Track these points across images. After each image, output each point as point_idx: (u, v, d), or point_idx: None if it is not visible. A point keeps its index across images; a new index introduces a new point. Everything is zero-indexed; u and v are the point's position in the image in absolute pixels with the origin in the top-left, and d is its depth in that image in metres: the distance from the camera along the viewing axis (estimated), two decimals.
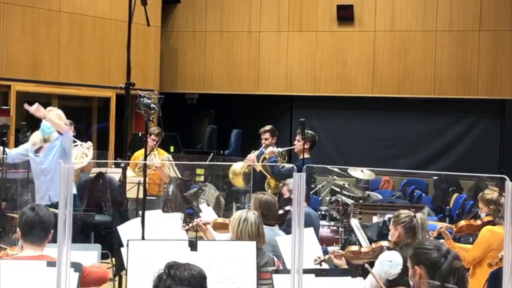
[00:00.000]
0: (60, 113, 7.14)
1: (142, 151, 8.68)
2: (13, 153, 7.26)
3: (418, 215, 5.13)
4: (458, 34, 13.05)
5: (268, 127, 8.77)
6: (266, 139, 8.65)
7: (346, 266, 5.17)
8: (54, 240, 3.81)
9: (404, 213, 5.15)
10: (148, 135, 8.69)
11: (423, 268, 3.39)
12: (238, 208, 9.63)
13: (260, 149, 8.59)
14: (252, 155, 8.51)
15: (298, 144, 8.32)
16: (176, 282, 2.96)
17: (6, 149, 7.28)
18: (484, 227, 6.03)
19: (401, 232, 5.06)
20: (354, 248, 5.44)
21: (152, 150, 8.87)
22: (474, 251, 5.96)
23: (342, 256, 5.28)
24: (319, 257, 5.24)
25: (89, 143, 7.98)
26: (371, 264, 5.01)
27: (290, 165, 8.07)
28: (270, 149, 8.44)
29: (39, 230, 4.05)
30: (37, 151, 7.13)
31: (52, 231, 4.05)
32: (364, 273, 4.84)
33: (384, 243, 5.28)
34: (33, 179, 7.66)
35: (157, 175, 8.77)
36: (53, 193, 6.89)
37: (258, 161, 8.34)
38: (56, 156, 6.94)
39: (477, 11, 12.92)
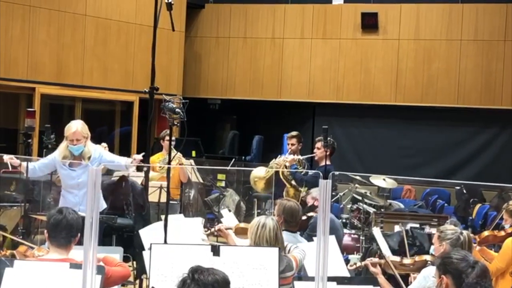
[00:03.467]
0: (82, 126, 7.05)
1: (158, 155, 8.73)
2: (38, 166, 7.00)
3: (465, 232, 4.92)
4: (483, 43, 12.96)
5: (294, 133, 8.71)
6: (292, 145, 8.59)
7: (381, 275, 5.10)
8: (79, 243, 3.83)
9: (451, 229, 4.92)
10: (161, 139, 8.75)
11: (449, 277, 3.37)
12: (258, 214, 9.59)
13: (286, 154, 8.55)
14: (280, 160, 8.42)
15: (318, 152, 8.30)
16: (200, 287, 2.96)
17: (34, 164, 7.08)
18: (508, 238, 5.99)
19: (447, 249, 4.77)
20: (395, 258, 5.36)
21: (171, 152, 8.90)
22: (497, 262, 5.92)
23: (377, 264, 5.23)
24: (355, 263, 5.22)
25: (104, 144, 7.93)
26: (405, 277, 4.95)
27: (312, 171, 8.02)
28: (291, 157, 8.38)
29: (66, 233, 4.06)
30: (70, 164, 7.00)
31: (79, 234, 4.05)
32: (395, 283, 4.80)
33: (428, 257, 5.17)
34: (54, 181, 7.66)
35: (176, 177, 8.73)
36: (84, 208, 6.78)
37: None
38: None
39: (502, 21, 12.83)
